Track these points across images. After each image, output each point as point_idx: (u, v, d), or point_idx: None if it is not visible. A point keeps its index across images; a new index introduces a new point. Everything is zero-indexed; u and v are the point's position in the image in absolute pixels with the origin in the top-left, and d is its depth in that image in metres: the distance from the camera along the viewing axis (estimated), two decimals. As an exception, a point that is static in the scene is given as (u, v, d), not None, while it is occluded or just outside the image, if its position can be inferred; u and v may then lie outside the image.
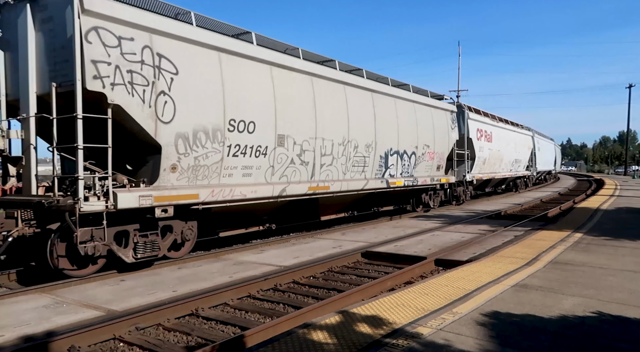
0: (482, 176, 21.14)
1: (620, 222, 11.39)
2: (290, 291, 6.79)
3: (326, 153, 10.91)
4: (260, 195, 9.21)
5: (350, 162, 11.79)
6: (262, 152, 9.20)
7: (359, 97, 12.14)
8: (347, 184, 11.73)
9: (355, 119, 11.90)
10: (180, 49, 7.69)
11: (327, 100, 10.91)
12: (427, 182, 15.82)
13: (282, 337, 3.73)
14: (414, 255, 8.61)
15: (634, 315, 4.35)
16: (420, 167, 15.34)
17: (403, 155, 14.21)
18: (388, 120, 13.39)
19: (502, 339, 3.71)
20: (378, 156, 12.96)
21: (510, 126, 26.07)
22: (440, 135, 16.49)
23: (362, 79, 12.43)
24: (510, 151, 25.49)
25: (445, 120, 17.07)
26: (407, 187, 14.60)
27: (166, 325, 5.28)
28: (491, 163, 22.43)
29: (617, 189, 26.76)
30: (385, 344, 3.59)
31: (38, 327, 5.03)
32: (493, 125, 22.67)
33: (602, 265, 6.55)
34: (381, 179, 13.21)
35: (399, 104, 13.98)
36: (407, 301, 4.77)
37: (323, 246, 9.93)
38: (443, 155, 16.78)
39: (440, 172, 16.96)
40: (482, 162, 20.96)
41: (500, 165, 24.12)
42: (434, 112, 16.26)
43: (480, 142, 20.49)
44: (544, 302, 4.75)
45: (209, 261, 8.54)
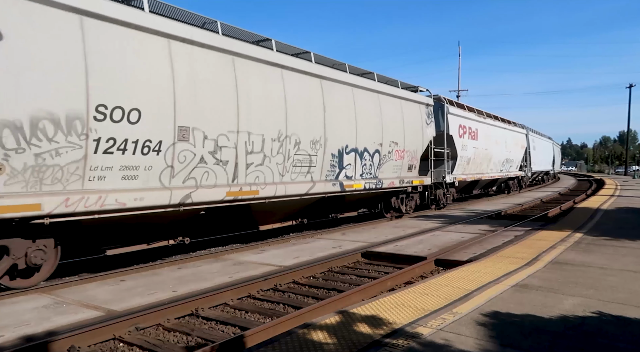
0: (465, 177, 19.14)
1: (621, 222, 11.39)
2: (290, 291, 6.79)
3: (254, 150, 8.98)
4: (149, 203, 7.22)
5: (289, 162, 9.88)
6: (153, 148, 7.23)
7: (302, 85, 10.22)
8: (286, 188, 9.81)
9: (297, 111, 9.97)
10: (6, 5, 5.67)
11: (255, 87, 8.95)
12: (395, 184, 13.76)
13: (282, 338, 3.73)
14: (414, 255, 8.61)
15: (634, 315, 4.35)
16: (386, 167, 13.40)
17: (363, 154, 12.27)
18: (343, 112, 11.48)
19: (502, 339, 3.70)
20: (329, 155, 11.04)
21: (500, 123, 24.10)
22: (412, 131, 14.53)
23: (307, 63, 10.50)
24: (500, 150, 23.54)
25: (419, 115, 15.10)
26: (369, 190, 12.64)
27: (166, 325, 5.28)
28: (477, 163, 20.47)
29: (618, 189, 26.76)
30: (385, 344, 3.59)
31: (38, 327, 5.03)
32: (479, 122, 20.55)
33: (602, 265, 6.55)
34: (334, 182, 11.28)
35: (358, 94, 12.06)
36: (407, 301, 4.77)
37: (323, 246, 9.93)
38: (416, 154, 14.95)
39: (413, 173, 15.04)
40: (466, 162, 19.07)
41: (488, 166, 22.15)
42: (405, 105, 14.32)
43: (463, 139, 18.52)
44: (544, 302, 4.74)
45: (209, 261, 8.54)
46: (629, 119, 66.34)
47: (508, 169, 25.92)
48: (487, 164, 21.91)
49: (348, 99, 11.75)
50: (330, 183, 11.20)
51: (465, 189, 21.88)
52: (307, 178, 10.61)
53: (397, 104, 13.93)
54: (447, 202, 17.92)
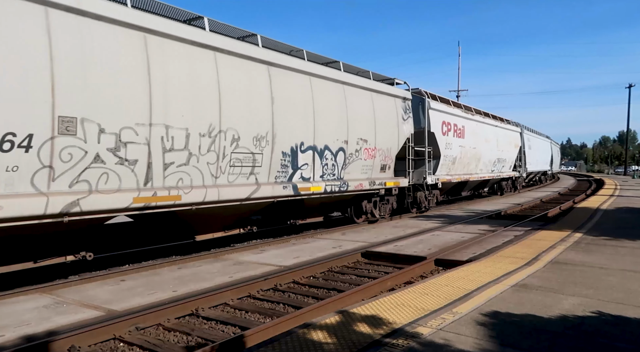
0: (450, 178, 17.68)
1: (620, 222, 11.40)
2: (290, 290, 6.79)
3: (175, 148, 7.51)
4: (12, 213, 5.69)
5: (225, 161, 8.42)
6: (18, 144, 5.73)
7: (244, 71, 8.77)
8: (221, 192, 8.30)
9: (235, 101, 8.53)
10: None
11: (177, 72, 7.52)
12: (364, 186, 12.29)
13: (282, 337, 3.73)
14: (414, 255, 8.61)
15: (633, 315, 4.36)
16: (353, 167, 11.97)
17: (324, 153, 10.88)
18: (298, 105, 10.02)
19: (502, 339, 3.71)
20: (278, 153, 9.58)
21: (490, 120, 22.37)
22: (385, 127, 13.06)
23: (251, 47, 9.05)
24: (490, 149, 21.92)
25: (394, 109, 13.62)
26: (332, 193, 11.17)
27: (166, 325, 5.28)
28: (464, 163, 18.98)
29: (617, 188, 26.77)
30: (385, 344, 3.59)
31: (38, 327, 5.03)
32: (466, 118, 18.96)
33: (602, 265, 6.56)
34: (285, 184, 9.80)
35: (317, 85, 10.65)
36: (407, 301, 4.77)
37: (323, 246, 9.93)
38: (390, 153, 13.49)
39: (386, 173, 13.57)
40: (451, 162, 17.67)
41: (477, 166, 20.59)
42: (377, 98, 12.86)
43: (447, 137, 17.03)
44: (544, 302, 4.75)
45: (209, 261, 8.54)
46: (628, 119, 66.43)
47: (500, 170, 24.36)
48: (475, 164, 20.34)
49: (305, 89, 10.25)
50: (280, 186, 9.66)
51: (453, 191, 20.59)
52: (251, 180, 9.11)
53: (367, 97, 12.48)
54: (429, 205, 16.50)
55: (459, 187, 20.37)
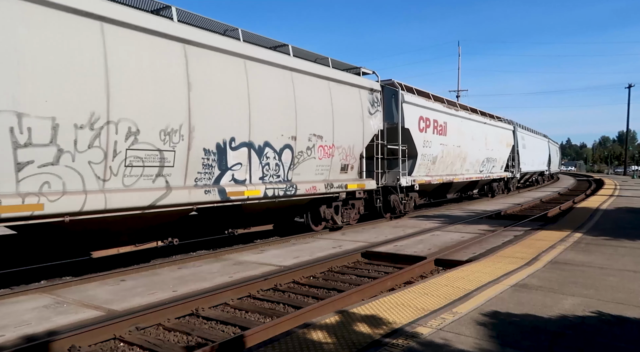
0: (430, 180, 16.06)
1: (620, 222, 11.40)
2: (290, 290, 6.80)
3: (35, 142, 5.92)
4: None
5: (118, 160, 6.84)
6: None
7: (145, 49, 7.17)
8: (110, 199, 6.72)
9: (132, 85, 6.95)
10: None
11: (37, 45, 5.91)
12: (318, 189, 10.70)
13: (282, 337, 3.74)
14: (414, 255, 8.62)
15: (633, 315, 4.36)
16: (304, 168, 10.38)
17: (264, 151, 9.27)
18: (227, 93, 8.42)
19: (502, 339, 3.71)
20: (199, 150, 7.94)
21: (478, 117, 20.64)
22: (346, 122, 11.58)
23: (162, 20, 7.50)
24: (478, 148, 20.26)
25: (358, 102, 12.12)
26: (275, 198, 9.48)
27: (166, 325, 5.29)
28: (446, 162, 17.44)
29: (617, 189, 26.78)
30: (384, 344, 3.60)
31: (38, 327, 5.03)
32: (449, 114, 17.36)
33: (601, 265, 6.56)
34: (209, 188, 8.13)
35: (255, 70, 9.01)
36: (406, 301, 4.77)
37: (323, 246, 9.93)
38: (354, 152, 11.93)
39: (349, 174, 11.97)
40: (431, 161, 16.14)
41: (463, 166, 19.08)
42: (336, 88, 11.30)
43: (426, 134, 15.44)
44: (543, 302, 4.75)
45: (209, 261, 8.54)
46: (628, 119, 66.50)
47: (490, 170, 22.61)
48: (461, 163, 18.83)
49: (237, 75, 8.64)
50: (201, 190, 7.97)
51: (436, 193, 19.16)
52: (159, 183, 7.48)
53: (323, 86, 10.91)
54: (405, 210, 14.92)
55: (443, 189, 18.95)
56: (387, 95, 13.84)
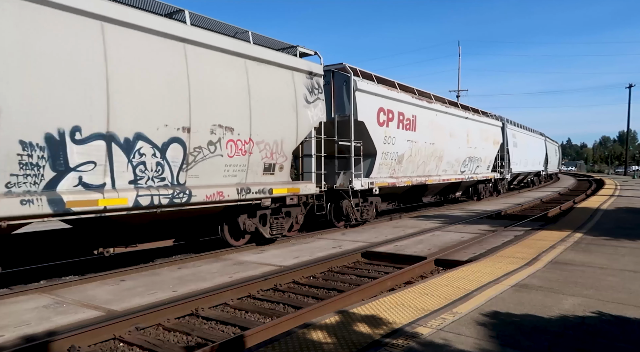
0: (395, 182, 13.87)
1: (620, 222, 11.40)
2: (290, 291, 6.79)
3: None
4: None
5: None
6: None
7: None
8: None
9: None
10: None
11: None
12: (226, 196, 8.45)
13: (282, 337, 3.73)
14: (414, 255, 8.61)
15: (633, 315, 4.36)
16: (205, 168, 8.18)
17: (135, 145, 7.08)
18: (64, 64, 6.18)
19: (502, 339, 3.71)
20: (9, 142, 5.73)
21: (458, 110, 18.41)
22: (273, 111, 9.38)
23: None
24: (457, 146, 18.09)
25: (291, 87, 9.92)
26: (154, 208, 7.36)
27: (166, 325, 5.28)
28: (416, 162, 15.23)
29: (617, 189, 26.77)
30: (384, 344, 3.59)
31: (38, 327, 5.03)
32: (419, 106, 14.99)
33: (602, 265, 6.56)
34: (32, 197, 5.92)
35: (119, 37, 6.82)
36: (406, 301, 4.77)
37: (323, 246, 9.93)
38: (282, 148, 9.68)
39: (277, 176, 9.73)
40: (395, 161, 13.88)
41: (438, 166, 16.95)
42: (257, 69, 9.03)
43: (388, 129, 13.23)
44: (544, 302, 4.75)
45: (209, 261, 8.54)
46: (628, 119, 66.44)
47: (474, 170, 20.34)
48: (436, 163, 16.73)
49: (88, 41, 6.44)
50: (15, 199, 5.76)
51: (409, 197, 16.93)
52: None
53: (237, 65, 8.69)
54: (364, 217, 12.85)
55: (417, 191, 16.84)
56: (338, 82, 11.94)
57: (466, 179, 19.58)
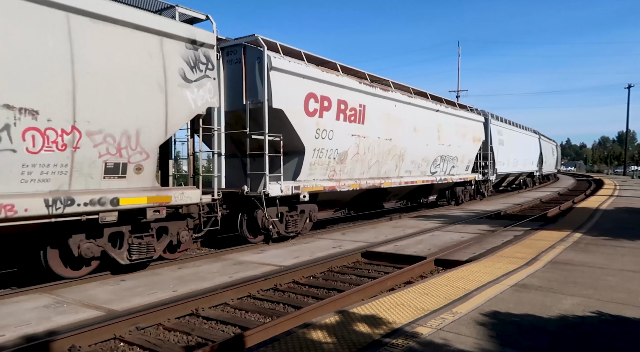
0: (336, 185, 11.37)
1: (620, 222, 11.41)
2: (290, 290, 6.80)
3: None
4: None
5: None
6: None
7: None
8: None
9: None
10: None
11: None
12: (18, 211, 5.85)
13: (282, 337, 3.74)
14: (414, 255, 8.62)
15: (633, 315, 4.37)
16: None
17: None
18: None
19: (501, 339, 3.72)
20: None
21: (425, 102, 15.65)
22: (123, 90, 6.97)
23: None
24: (426, 142, 15.58)
25: (158, 59, 7.49)
26: None
27: (166, 325, 5.29)
28: (367, 161, 12.67)
29: (617, 189, 26.79)
30: (384, 343, 3.60)
31: (39, 327, 5.04)
32: (368, 94, 12.42)
33: (601, 265, 6.57)
34: None
35: None
36: (406, 301, 4.78)
37: (323, 246, 9.94)
38: (139, 141, 7.22)
39: (130, 181, 7.21)
40: (336, 159, 11.39)
41: (399, 166, 14.39)
42: (88, 27, 6.54)
43: (322, 120, 10.66)
44: (543, 302, 4.76)
45: (209, 261, 8.55)
46: (627, 119, 66.64)
47: (448, 171, 17.94)
48: (395, 162, 14.10)
49: None
50: None
51: (363, 202, 14.19)
52: None
53: (50, 21, 6.17)
54: (288, 231, 10.28)
55: (374, 196, 14.23)
56: (250, 59, 9.58)
57: (439, 181, 17.15)
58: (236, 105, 9.78)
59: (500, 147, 23.68)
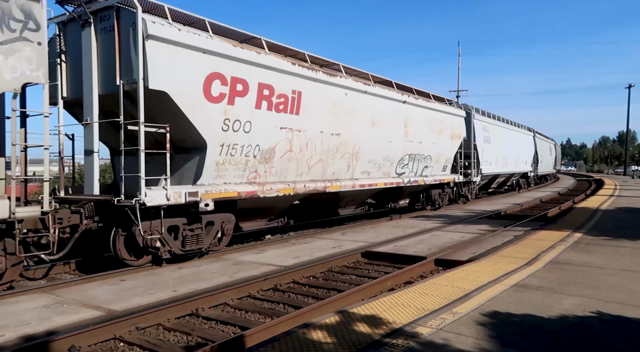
0: (256, 190, 9.04)
1: (620, 222, 11.40)
2: (290, 291, 6.80)
3: None
4: None
5: None
6: None
7: None
8: None
9: None
10: None
11: None
12: None
13: (282, 337, 3.74)
14: (414, 255, 8.62)
15: (633, 315, 4.36)
16: None
17: None
18: None
19: (501, 339, 3.71)
20: None
21: (388, 91, 13.22)
22: None
23: None
24: (388, 139, 13.16)
25: None
26: None
27: (166, 325, 5.29)
28: (305, 160, 10.34)
29: (617, 189, 26.78)
30: (384, 343, 3.60)
31: (38, 327, 5.03)
32: (304, 78, 10.04)
33: (601, 265, 6.56)
34: None
35: None
36: (406, 301, 4.77)
37: (323, 246, 9.93)
38: None
39: None
40: (258, 158, 9.15)
41: (353, 166, 11.98)
42: None
43: (233, 108, 8.45)
44: (543, 302, 4.76)
45: (209, 261, 8.54)
46: (628, 119, 66.58)
47: (420, 172, 15.58)
48: (347, 162, 11.72)
49: None
50: None
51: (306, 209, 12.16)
52: None
53: None
54: (186, 249, 8.05)
55: (324, 202, 12.07)
56: (124, 25, 7.47)
57: (407, 183, 14.57)
58: (110, 86, 7.67)
59: (486, 145, 21.29)
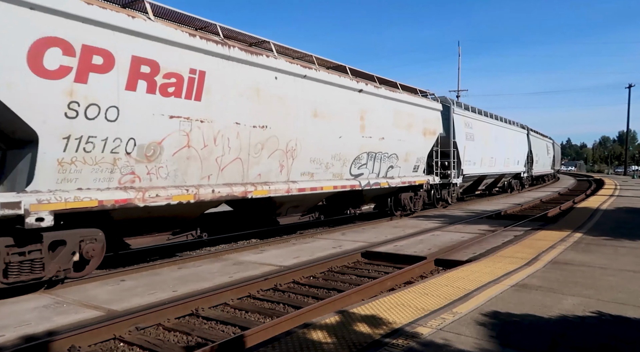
0: (133, 197, 6.81)
1: (620, 222, 11.40)
2: (290, 291, 6.80)
3: None
4: None
5: None
6: None
7: None
8: None
9: None
10: None
11: None
12: None
13: (282, 337, 3.73)
14: (414, 255, 8.62)
15: (633, 315, 4.36)
16: None
17: None
18: None
19: (502, 339, 3.71)
20: None
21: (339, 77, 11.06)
22: None
23: None
24: (338, 134, 11.05)
25: None
26: None
27: (166, 325, 5.29)
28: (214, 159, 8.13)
29: (617, 189, 26.77)
30: (384, 344, 3.59)
31: (38, 327, 5.03)
32: (210, 54, 7.86)
33: (602, 265, 6.56)
34: None
35: None
36: (406, 301, 4.77)
37: (323, 246, 9.93)
38: None
39: None
40: (137, 155, 6.97)
41: (287, 166, 9.80)
42: None
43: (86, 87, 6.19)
44: (543, 302, 4.75)
45: (209, 261, 8.54)
46: (628, 119, 66.52)
47: (384, 173, 13.33)
48: (279, 161, 9.61)
49: None
50: None
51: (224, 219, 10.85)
52: None
53: None
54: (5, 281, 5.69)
55: (256, 209, 10.19)
56: None
57: (366, 185, 12.29)
58: None
59: (468, 143, 19.13)
